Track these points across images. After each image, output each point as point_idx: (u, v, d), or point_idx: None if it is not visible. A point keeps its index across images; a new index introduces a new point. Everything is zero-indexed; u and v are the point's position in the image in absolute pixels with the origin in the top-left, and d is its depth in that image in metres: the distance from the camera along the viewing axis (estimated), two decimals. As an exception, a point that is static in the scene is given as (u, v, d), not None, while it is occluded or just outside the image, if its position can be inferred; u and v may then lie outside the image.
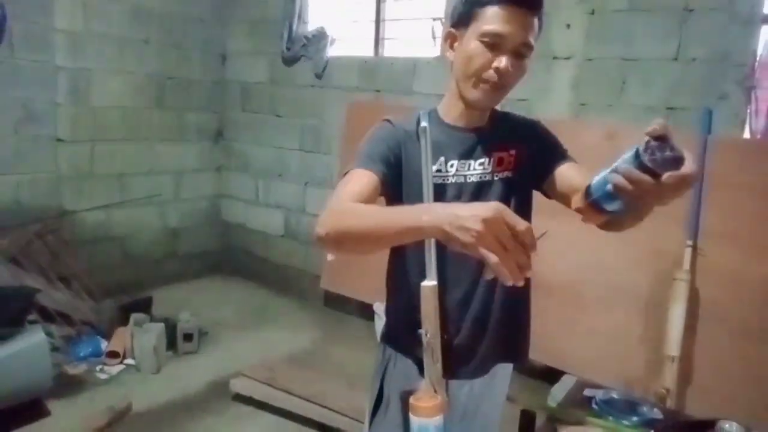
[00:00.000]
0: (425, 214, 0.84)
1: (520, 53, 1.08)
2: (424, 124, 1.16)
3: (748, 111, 2.57)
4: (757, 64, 2.53)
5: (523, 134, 1.24)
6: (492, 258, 0.76)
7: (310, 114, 4.12)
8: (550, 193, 1.22)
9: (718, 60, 2.60)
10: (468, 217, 0.77)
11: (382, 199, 1.19)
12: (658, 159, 0.74)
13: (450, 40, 1.16)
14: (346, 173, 1.14)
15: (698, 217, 2.52)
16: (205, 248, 4.70)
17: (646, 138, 0.76)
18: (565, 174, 1.18)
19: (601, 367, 2.62)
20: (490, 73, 1.08)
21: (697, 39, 2.64)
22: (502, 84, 1.10)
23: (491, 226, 0.76)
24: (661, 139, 0.75)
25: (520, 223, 0.76)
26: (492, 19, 1.06)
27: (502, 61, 1.06)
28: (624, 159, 0.78)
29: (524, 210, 1.25)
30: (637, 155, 0.75)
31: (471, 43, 1.09)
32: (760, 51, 2.53)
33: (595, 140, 2.80)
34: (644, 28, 2.76)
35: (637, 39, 2.79)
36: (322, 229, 0.96)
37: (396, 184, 1.18)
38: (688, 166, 0.75)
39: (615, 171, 0.79)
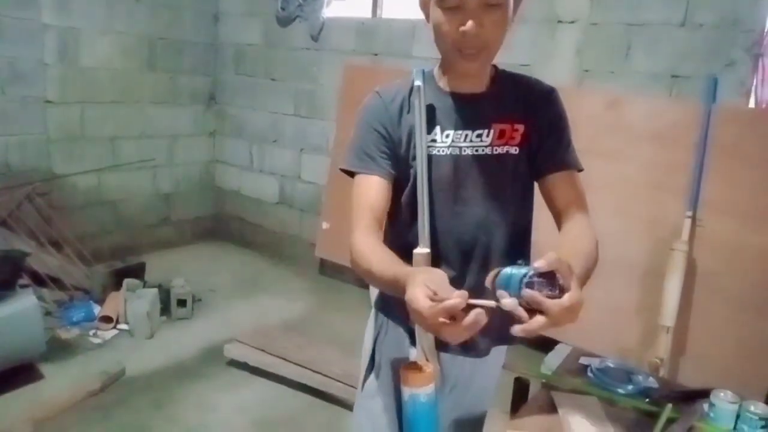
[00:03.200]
0: (404, 286, 0.85)
1: (490, 5, 0.96)
2: (417, 83, 1.10)
3: (755, 79, 2.51)
4: (765, 30, 2.46)
5: (534, 106, 1.12)
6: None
7: (305, 78, 4.03)
8: (540, 191, 1.15)
9: (727, 26, 2.52)
10: (410, 307, 0.80)
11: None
12: (536, 296, 0.78)
13: (425, 9, 1.06)
14: (353, 174, 1.12)
15: (699, 187, 2.49)
16: (198, 214, 4.65)
17: (533, 270, 0.78)
18: (557, 188, 1.11)
19: (595, 336, 2.61)
20: (461, 41, 0.98)
21: (705, 4, 2.56)
22: (480, 45, 0.99)
23: (421, 319, 0.79)
24: (547, 275, 0.79)
25: (447, 296, 0.77)
26: None
27: (467, 24, 0.95)
28: (514, 280, 0.81)
29: (525, 194, 1.16)
30: (520, 285, 0.79)
31: (435, 12, 1.00)
32: (769, 17, 2.46)
33: (597, 108, 2.74)
34: (651, -9, 2.67)
35: (644, 3, 2.70)
36: (350, 259, 1.06)
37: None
38: (558, 308, 0.77)
39: (506, 286, 0.82)
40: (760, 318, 2.35)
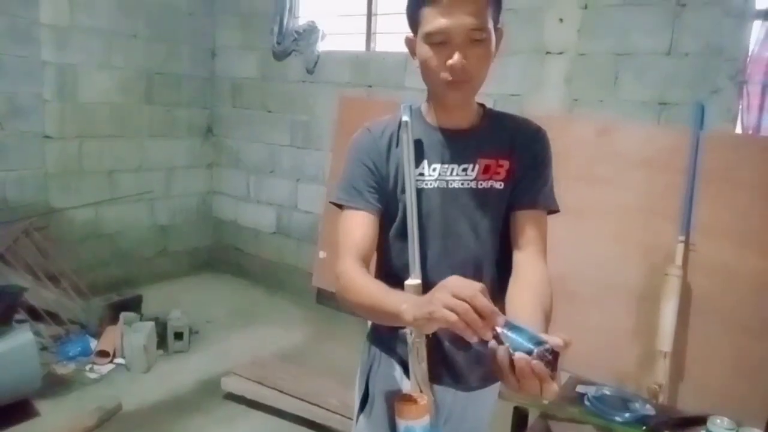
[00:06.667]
0: (404, 303, 0.90)
1: (474, 40, 1.01)
2: (405, 118, 1.14)
3: (740, 106, 2.56)
4: (749, 59, 2.53)
5: (520, 143, 1.14)
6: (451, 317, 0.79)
7: (301, 109, 4.09)
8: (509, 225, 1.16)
9: (711, 55, 2.59)
10: (451, 290, 0.81)
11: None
12: (548, 355, 0.78)
13: (410, 45, 1.11)
14: (341, 206, 1.14)
15: (690, 212, 2.52)
16: (195, 245, 4.66)
17: (549, 347, 0.78)
18: (520, 225, 1.11)
19: (593, 363, 2.61)
20: (446, 75, 1.03)
21: (690, 33, 2.63)
22: (464, 78, 1.03)
23: (462, 294, 0.80)
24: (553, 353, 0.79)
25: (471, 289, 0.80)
26: (430, 19, 1.01)
27: (454, 57, 1.00)
28: (525, 338, 0.81)
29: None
30: (535, 351, 0.79)
31: (422, 48, 1.04)
32: (752, 46, 2.52)
33: (587, 135, 2.79)
34: (637, 22, 2.75)
35: (630, 33, 2.77)
36: (336, 289, 1.07)
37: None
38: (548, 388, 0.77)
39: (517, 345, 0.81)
40: (756, 340, 2.36)
